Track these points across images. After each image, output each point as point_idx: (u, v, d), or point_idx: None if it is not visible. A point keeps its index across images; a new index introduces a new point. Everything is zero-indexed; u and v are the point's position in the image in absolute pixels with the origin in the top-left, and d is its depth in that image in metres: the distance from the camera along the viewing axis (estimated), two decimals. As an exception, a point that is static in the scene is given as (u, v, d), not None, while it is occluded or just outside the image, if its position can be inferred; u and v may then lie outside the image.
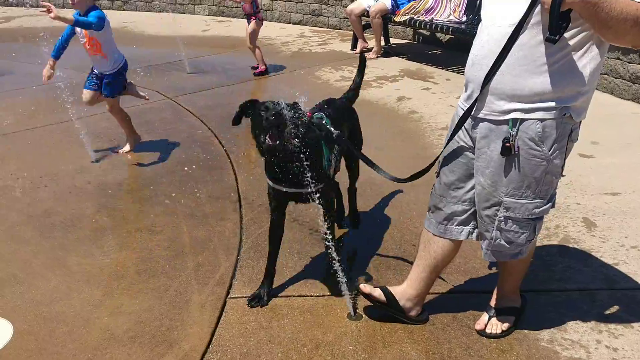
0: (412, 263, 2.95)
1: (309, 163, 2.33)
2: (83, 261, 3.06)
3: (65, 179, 4.04)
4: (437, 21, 6.61)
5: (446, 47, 7.59)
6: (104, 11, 4.06)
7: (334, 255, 2.53)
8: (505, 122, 2.05)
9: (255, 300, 2.69)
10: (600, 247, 3.09)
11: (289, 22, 9.31)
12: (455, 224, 2.36)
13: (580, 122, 2.09)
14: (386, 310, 2.55)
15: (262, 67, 6.47)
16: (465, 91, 2.20)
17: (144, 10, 10.52)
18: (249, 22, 6.29)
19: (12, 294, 2.80)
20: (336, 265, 2.52)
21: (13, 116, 5.26)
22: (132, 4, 10.68)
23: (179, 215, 3.52)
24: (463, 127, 2.23)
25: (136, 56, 7.40)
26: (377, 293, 2.53)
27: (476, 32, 2.17)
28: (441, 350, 2.40)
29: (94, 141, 4.54)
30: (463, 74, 2.27)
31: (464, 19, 6.58)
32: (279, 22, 9.40)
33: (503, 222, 2.19)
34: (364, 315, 2.60)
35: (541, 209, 2.17)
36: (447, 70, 6.52)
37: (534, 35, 1.93)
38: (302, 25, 9.15)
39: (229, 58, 7.09)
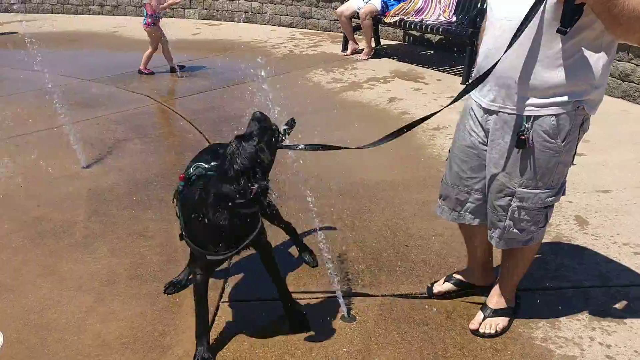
0: (409, 260, 2.97)
1: None
2: (74, 267, 3.04)
3: (56, 185, 4.00)
4: (427, 22, 6.61)
5: (436, 48, 7.60)
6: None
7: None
8: (520, 115, 2.08)
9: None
10: (593, 244, 3.10)
11: (279, 25, 9.30)
12: (468, 210, 2.43)
13: None
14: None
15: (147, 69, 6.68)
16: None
17: (133, 15, 10.46)
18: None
19: (2, 302, 2.77)
20: (330, 268, 2.50)
21: (3, 122, 5.21)
22: (121, 8, 10.63)
23: (171, 220, 3.49)
24: (475, 119, 2.26)
25: (126, 60, 7.38)
26: (448, 287, 2.68)
27: (466, 32, 2.17)
28: (435, 350, 2.39)
29: (85, 147, 4.51)
30: (453, 75, 2.27)
31: (454, 19, 6.57)
32: (269, 24, 9.39)
33: (516, 212, 2.22)
34: (357, 317, 2.59)
35: (553, 197, 2.22)
36: (438, 70, 6.51)
37: (548, 31, 1.93)
38: (293, 27, 9.14)
39: (220, 61, 7.07)
